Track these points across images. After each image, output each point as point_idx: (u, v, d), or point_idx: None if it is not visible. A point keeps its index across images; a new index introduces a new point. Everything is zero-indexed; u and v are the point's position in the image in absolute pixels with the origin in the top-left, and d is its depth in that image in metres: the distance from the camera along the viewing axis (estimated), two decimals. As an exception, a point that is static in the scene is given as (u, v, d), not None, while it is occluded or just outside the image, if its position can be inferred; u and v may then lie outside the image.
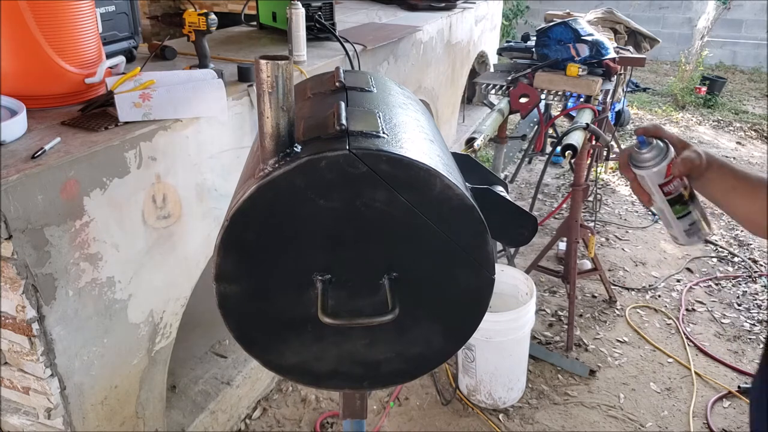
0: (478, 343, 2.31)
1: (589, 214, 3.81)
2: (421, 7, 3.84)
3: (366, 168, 0.76)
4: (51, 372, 1.46)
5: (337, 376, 0.92)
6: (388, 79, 1.14)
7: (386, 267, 0.85)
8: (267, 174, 0.77)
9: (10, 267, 1.31)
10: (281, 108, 0.77)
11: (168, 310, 1.79)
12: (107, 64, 1.76)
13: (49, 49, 1.61)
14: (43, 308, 1.39)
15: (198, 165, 1.78)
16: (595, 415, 2.39)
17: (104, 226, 1.51)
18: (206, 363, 2.31)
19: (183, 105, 1.66)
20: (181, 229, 1.77)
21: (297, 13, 2.25)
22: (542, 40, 2.78)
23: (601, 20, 3.85)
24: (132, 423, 1.77)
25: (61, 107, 1.70)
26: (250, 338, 0.89)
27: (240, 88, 1.95)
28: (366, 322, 0.85)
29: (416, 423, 2.34)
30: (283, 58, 0.75)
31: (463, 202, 0.81)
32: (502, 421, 2.35)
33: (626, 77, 3.54)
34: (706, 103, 6.33)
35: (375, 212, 0.80)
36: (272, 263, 0.83)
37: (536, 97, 2.62)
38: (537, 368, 2.62)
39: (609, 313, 3.03)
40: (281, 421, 2.32)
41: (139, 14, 2.29)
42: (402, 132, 0.86)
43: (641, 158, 1.06)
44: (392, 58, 2.99)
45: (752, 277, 3.37)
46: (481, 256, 0.85)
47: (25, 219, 1.30)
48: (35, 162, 1.34)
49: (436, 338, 0.91)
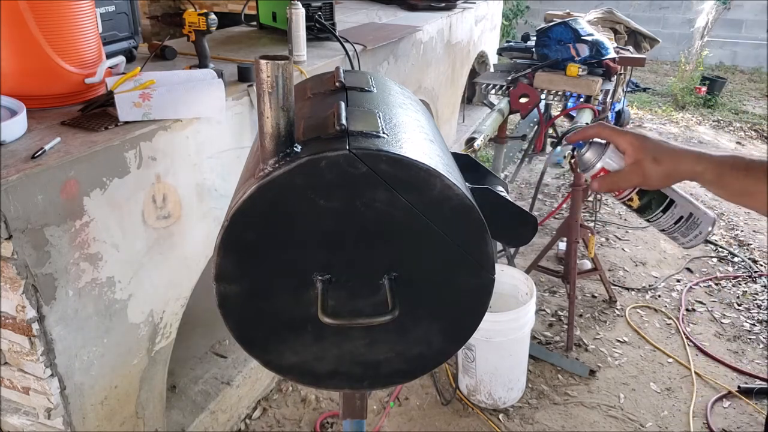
0: (478, 343, 2.31)
1: (589, 214, 3.81)
2: (421, 7, 3.84)
3: (366, 168, 0.76)
4: (51, 372, 1.46)
5: (337, 376, 0.92)
6: (388, 79, 1.14)
7: (386, 267, 0.85)
8: (267, 174, 0.77)
9: (10, 267, 1.31)
10: (281, 108, 0.77)
11: (168, 310, 1.80)
12: (107, 64, 1.76)
13: (49, 49, 1.61)
14: (43, 308, 1.39)
15: (198, 165, 1.78)
16: (595, 415, 2.40)
17: (104, 226, 1.51)
18: (206, 363, 2.31)
19: (183, 105, 1.66)
20: (181, 229, 1.77)
21: (297, 13, 2.25)
22: (542, 40, 2.78)
23: (601, 20, 3.85)
24: (132, 423, 1.77)
25: (61, 107, 1.70)
26: (250, 338, 0.89)
27: (240, 88, 1.95)
28: (366, 322, 0.85)
29: (416, 423, 2.34)
30: (283, 58, 0.75)
31: (463, 202, 0.81)
32: (502, 421, 2.35)
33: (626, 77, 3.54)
34: (706, 103, 6.33)
35: (375, 212, 0.80)
36: (272, 263, 0.83)
37: (536, 97, 2.62)
38: (537, 368, 2.62)
39: (609, 313, 3.03)
40: (281, 421, 2.32)
41: (139, 14, 2.29)
42: (402, 132, 0.86)
43: (581, 161, 0.97)
44: (392, 58, 2.99)
45: (752, 277, 3.37)
46: (481, 256, 0.85)
47: (25, 219, 1.30)
48: (35, 162, 1.34)
49: (436, 338, 0.91)
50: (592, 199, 3.50)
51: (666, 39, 7.24)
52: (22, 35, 1.57)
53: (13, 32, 1.57)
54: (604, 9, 4.00)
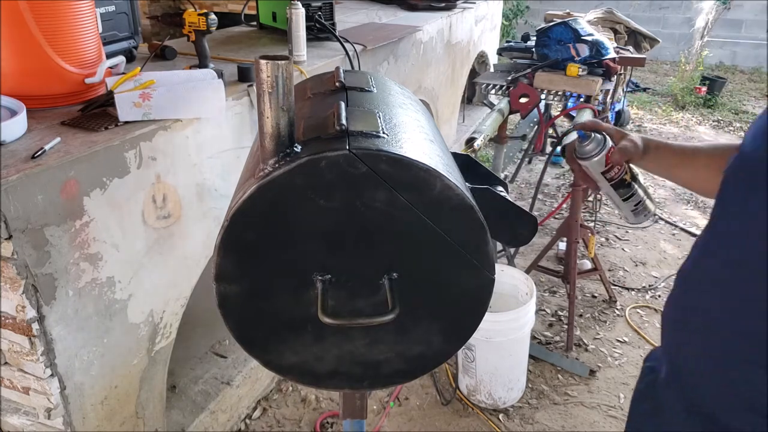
0: (478, 343, 2.31)
1: (589, 214, 3.81)
2: (421, 7, 3.84)
3: (366, 168, 0.76)
4: (51, 372, 1.46)
5: (337, 376, 0.92)
6: (388, 79, 1.14)
7: (386, 267, 0.85)
8: (267, 174, 0.77)
9: (10, 267, 1.31)
10: (281, 108, 0.77)
11: (168, 310, 1.80)
12: (107, 64, 1.76)
13: (49, 49, 1.61)
14: (43, 308, 1.39)
15: (198, 165, 1.78)
16: (595, 415, 2.40)
17: (104, 226, 1.51)
18: (206, 363, 2.31)
19: (183, 105, 1.66)
20: (181, 229, 1.77)
21: (297, 13, 2.25)
22: (542, 40, 2.78)
23: (601, 20, 3.85)
24: (132, 423, 1.77)
25: (61, 107, 1.70)
26: (250, 338, 0.89)
27: (240, 88, 1.95)
28: (366, 322, 0.85)
29: (416, 423, 2.34)
30: (283, 58, 0.75)
31: (463, 202, 0.81)
32: (502, 421, 2.35)
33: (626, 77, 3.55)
34: (706, 103, 6.33)
35: (375, 212, 0.80)
36: (272, 263, 0.83)
37: (536, 97, 2.62)
38: (537, 368, 2.62)
39: (609, 313, 3.03)
40: (281, 421, 2.32)
41: (139, 14, 2.29)
42: (402, 132, 0.86)
43: (583, 150, 1.19)
44: (392, 58, 2.99)
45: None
46: (481, 256, 0.85)
47: (25, 219, 1.30)
48: (35, 162, 1.34)
49: (436, 338, 0.91)
50: (592, 199, 3.50)
51: (666, 39, 7.24)
52: (22, 35, 1.57)
53: (13, 32, 1.57)
54: (604, 9, 4.00)
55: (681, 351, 0.97)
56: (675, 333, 1.00)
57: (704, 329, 0.91)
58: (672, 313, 1.01)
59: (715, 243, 0.91)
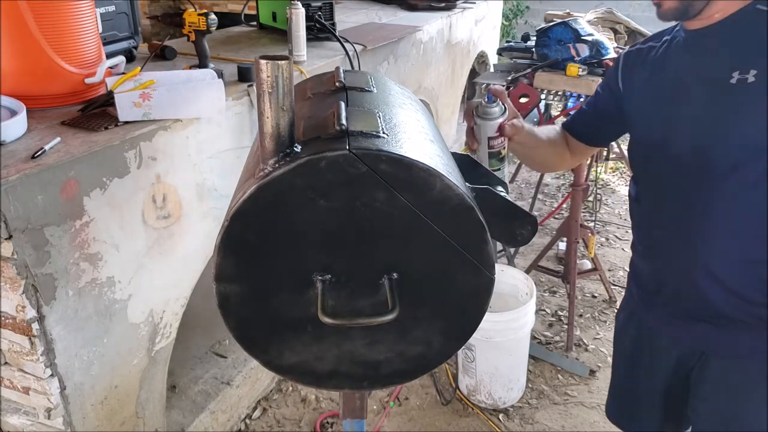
0: (478, 343, 2.31)
1: (589, 214, 3.81)
2: (421, 7, 3.84)
3: (366, 168, 0.76)
4: (51, 372, 1.46)
5: (337, 376, 0.92)
6: (388, 79, 1.14)
7: (386, 267, 0.85)
8: (267, 174, 0.77)
9: (10, 267, 1.32)
10: (281, 108, 0.77)
11: (168, 310, 1.80)
12: (107, 64, 1.76)
13: (49, 49, 1.61)
14: (43, 308, 1.39)
15: (198, 165, 1.78)
16: (595, 415, 2.39)
17: (104, 226, 1.51)
18: (206, 363, 2.31)
19: (183, 105, 1.66)
20: (181, 229, 1.77)
21: (297, 13, 2.25)
22: (542, 40, 2.78)
23: (601, 20, 3.85)
24: (132, 423, 1.77)
25: (61, 107, 1.70)
26: (250, 338, 0.89)
27: (240, 88, 1.95)
28: (366, 322, 0.85)
29: (416, 423, 2.34)
30: (283, 58, 0.75)
31: (463, 202, 0.81)
32: (502, 421, 2.35)
33: (626, 77, 3.53)
34: (706, 103, 6.32)
35: (375, 212, 0.80)
36: (272, 263, 0.83)
37: (536, 97, 2.62)
38: (537, 368, 2.62)
39: (609, 313, 3.03)
40: (281, 421, 2.32)
41: (139, 14, 2.29)
42: (402, 132, 0.86)
43: (485, 111, 1.26)
44: (392, 58, 2.99)
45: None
46: (481, 256, 0.85)
47: (25, 219, 1.30)
48: (35, 162, 1.34)
49: (436, 338, 0.91)
50: (592, 199, 3.50)
51: (666, 39, 7.22)
52: (22, 35, 1.57)
53: (13, 32, 1.57)
54: (604, 9, 4.00)
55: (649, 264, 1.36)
56: (644, 259, 1.38)
57: (665, 241, 1.28)
58: (639, 248, 1.39)
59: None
